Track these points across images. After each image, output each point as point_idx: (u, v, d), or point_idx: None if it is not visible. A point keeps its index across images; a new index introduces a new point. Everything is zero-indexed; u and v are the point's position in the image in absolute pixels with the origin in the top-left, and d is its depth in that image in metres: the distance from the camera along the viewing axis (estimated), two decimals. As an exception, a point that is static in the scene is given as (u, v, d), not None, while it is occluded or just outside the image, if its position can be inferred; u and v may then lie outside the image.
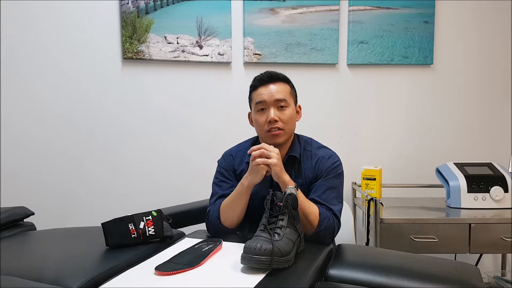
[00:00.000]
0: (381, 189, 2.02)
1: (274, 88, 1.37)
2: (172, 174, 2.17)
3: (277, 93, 1.36)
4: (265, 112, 1.37)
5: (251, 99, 1.43)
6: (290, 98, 1.40)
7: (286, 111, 1.37)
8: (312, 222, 1.27)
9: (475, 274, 1.10)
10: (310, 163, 1.40)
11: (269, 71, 1.41)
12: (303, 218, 1.24)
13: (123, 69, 2.11)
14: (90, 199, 2.11)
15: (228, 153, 1.50)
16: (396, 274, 1.08)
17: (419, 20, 2.23)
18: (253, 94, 1.41)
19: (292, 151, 1.41)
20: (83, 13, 2.04)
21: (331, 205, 1.33)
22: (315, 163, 1.39)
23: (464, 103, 2.30)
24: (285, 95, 1.38)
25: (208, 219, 1.40)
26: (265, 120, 1.36)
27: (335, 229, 1.31)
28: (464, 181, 1.89)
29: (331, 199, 1.35)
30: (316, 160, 1.40)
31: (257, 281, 0.95)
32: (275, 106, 1.36)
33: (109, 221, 1.20)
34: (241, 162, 1.45)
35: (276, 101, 1.36)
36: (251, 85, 1.42)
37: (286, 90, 1.39)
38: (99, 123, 2.11)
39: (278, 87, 1.37)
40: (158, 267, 1.02)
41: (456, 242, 1.74)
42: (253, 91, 1.41)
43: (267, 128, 1.36)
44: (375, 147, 2.27)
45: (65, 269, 1.07)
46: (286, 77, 1.42)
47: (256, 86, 1.40)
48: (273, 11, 2.17)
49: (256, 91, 1.39)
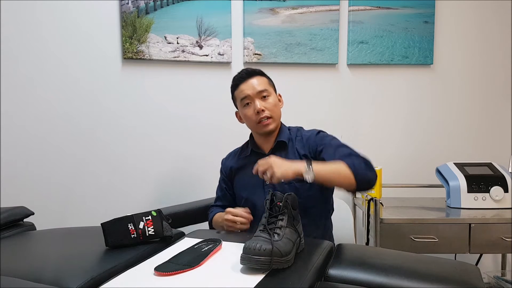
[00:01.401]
0: (381, 189, 2.02)
1: (254, 82, 1.45)
2: (172, 174, 2.17)
3: (258, 85, 1.45)
4: (251, 105, 1.45)
5: (235, 98, 1.52)
6: (270, 88, 1.49)
7: (269, 99, 1.45)
8: (349, 176, 1.27)
9: (475, 274, 1.10)
10: (301, 143, 1.48)
11: (244, 68, 1.52)
12: (340, 179, 1.28)
13: (123, 69, 2.11)
14: (90, 199, 2.11)
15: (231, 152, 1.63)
16: (396, 274, 1.07)
17: (419, 20, 2.23)
18: (235, 93, 1.50)
19: (280, 137, 1.49)
20: (83, 13, 2.04)
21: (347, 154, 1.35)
22: (306, 141, 1.47)
23: (464, 103, 2.30)
24: (265, 85, 1.46)
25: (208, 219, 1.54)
26: (252, 112, 1.44)
27: (366, 163, 1.33)
28: (464, 181, 1.89)
29: (343, 150, 1.38)
30: (306, 138, 1.48)
31: (256, 282, 0.95)
32: (259, 98, 1.44)
33: (108, 221, 1.20)
34: (232, 159, 1.58)
35: (259, 93, 1.44)
36: (232, 85, 1.51)
37: (265, 82, 1.48)
38: (99, 123, 2.11)
39: (256, 80, 1.46)
40: (157, 267, 1.01)
41: (456, 242, 1.74)
42: (235, 90, 1.49)
43: (256, 119, 1.44)
44: (375, 147, 2.27)
45: (65, 269, 1.07)
46: (261, 70, 1.52)
47: (237, 85, 1.48)
48: (273, 11, 2.17)
49: (238, 89, 1.48)
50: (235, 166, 1.55)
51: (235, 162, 1.56)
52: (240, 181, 1.53)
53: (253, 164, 1.32)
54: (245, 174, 1.49)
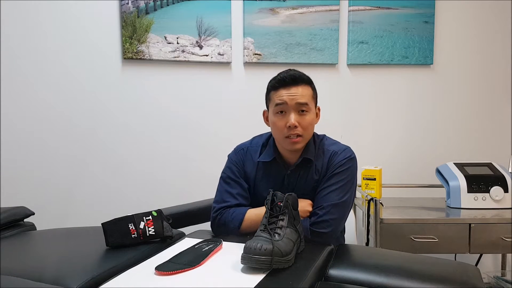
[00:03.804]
0: (381, 189, 2.02)
1: (297, 91, 1.29)
2: (172, 174, 2.17)
3: (300, 97, 1.29)
4: (285, 115, 1.30)
5: (269, 99, 1.35)
6: (312, 102, 1.33)
7: (306, 116, 1.30)
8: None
9: (475, 274, 1.10)
10: (322, 160, 1.36)
11: (292, 71, 1.32)
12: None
13: (123, 69, 2.11)
14: (90, 199, 2.10)
15: (240, 147, 1.46)
16: (396, 274, 1.08)
17: (419, 20, 2.23)
18: (272, 94, 1.33)
19: (307, 153, 1.36)
20: (83, 13, 2.04)
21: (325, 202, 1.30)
22: (328, 159, 1.35)
23: (464, 103, 2.30)
24: (308, 99, 1.31)
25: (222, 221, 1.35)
26: (284, 124, 1.30)
27: (313, 232, 1.27)
28: (464, 181, 1.89)
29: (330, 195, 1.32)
30: (329, 155, 1.36)
31: (257, 281, 0.95)
32: (296, 111, 1.29)
33: (109, 221, 1.20)
34: (251, 160, 1.41)
35: (298, 105, 1.29)
36: (272, 83, 1.34)
37: (309, 94, 1.32)
38: (99, 123, 2.11)
39: (301, 90, 1.30)
40: (158, 267, 1.01)
41: (456, 242, 1.74)
42: (273, 91, 1.33)
43: (286, 133, 1.30)
44: (375, 147, 2.27)
45: (65, 269, 1.07)
46: (309, 78, 1.34)
47: (277, 87, 1.31)
48: (273, 11, 2.17)
49: (276, 92, 1.31)
50: (254, 175, 1.39)
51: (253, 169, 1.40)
52: (259, 189, 1.40)
53: (275, 174, 1.32)
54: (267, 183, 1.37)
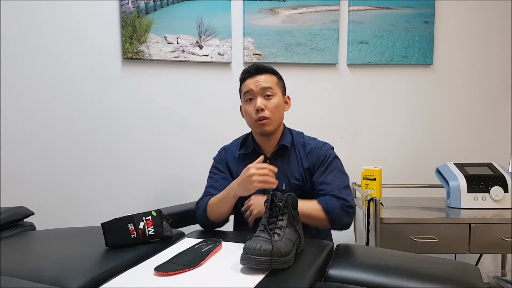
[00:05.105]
0: (381, 189, 2.02)
1: (261, 78, 1.43)
2: (172, 174, 2.17)
3: (263, 82, 1.42)
4: (253, 101, 1.43)
5: (240, 91, 1.49)
6: (277, 88, 1.45)
7: (272, 100, 1.43)
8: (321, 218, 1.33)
9: (475, 274, 1.10)
10: (303, 152, 1.47)
11: (256, 63, 1.49)
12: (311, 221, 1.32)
13: (123, 69, 2.11)
14: (90, 199, 2.10)
15: (222, 148, 1.61)
16: (396, 274, 1.07)
17: (419, 20, 2.23)
18: (241, 86, 1.48)
19: (283, 140, 1.47)
20: (83, 13, 2.04)
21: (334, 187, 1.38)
22: (309, 152, 1.46)
23: (464, 103, 2.30)
24: (271, 84, 1.44)
25: (196, 211, 1.47)
26: (252, 109, 1.42)
27: (343, 207, 1.34)
28: (464, 181, 1.89)
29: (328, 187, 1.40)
30: (309, 149, 1.46)
31: (256, 282, 0.95)
32: (262, 95, 1.42)
33: (108, 221, 1.20)
34: (232, 156, 1.54)
35: (262, 90, 1.42)
36: (240, 78, 1.49)
37: (272, 80, 1.45)
38: (99, 123, 2.11)
39: (264, 77, 1.44)
40: (157, 267, 1.01)
41: (456, 242, 1.74)
42: (242, 84, 1.48)
43: (255, 117, 1.42)
44: (375, 147, 2.27)
45: (65, 269, 1.07)
46: (273, 68, 1.48)
47: (244, 78, 1.46)
48: (273, 11, 2.17)
49: (244, 83, 1.46)
50: (236, 168, 1.50)
51: (235, 163, 1.52)
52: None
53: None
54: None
